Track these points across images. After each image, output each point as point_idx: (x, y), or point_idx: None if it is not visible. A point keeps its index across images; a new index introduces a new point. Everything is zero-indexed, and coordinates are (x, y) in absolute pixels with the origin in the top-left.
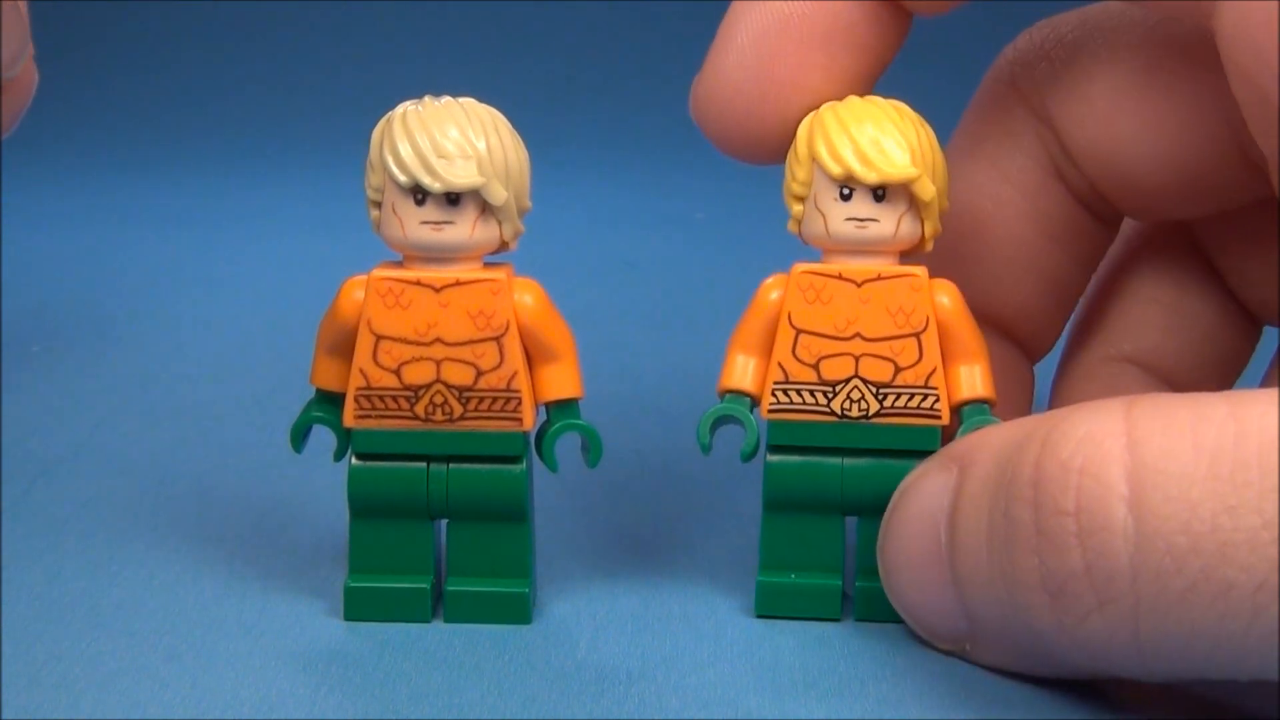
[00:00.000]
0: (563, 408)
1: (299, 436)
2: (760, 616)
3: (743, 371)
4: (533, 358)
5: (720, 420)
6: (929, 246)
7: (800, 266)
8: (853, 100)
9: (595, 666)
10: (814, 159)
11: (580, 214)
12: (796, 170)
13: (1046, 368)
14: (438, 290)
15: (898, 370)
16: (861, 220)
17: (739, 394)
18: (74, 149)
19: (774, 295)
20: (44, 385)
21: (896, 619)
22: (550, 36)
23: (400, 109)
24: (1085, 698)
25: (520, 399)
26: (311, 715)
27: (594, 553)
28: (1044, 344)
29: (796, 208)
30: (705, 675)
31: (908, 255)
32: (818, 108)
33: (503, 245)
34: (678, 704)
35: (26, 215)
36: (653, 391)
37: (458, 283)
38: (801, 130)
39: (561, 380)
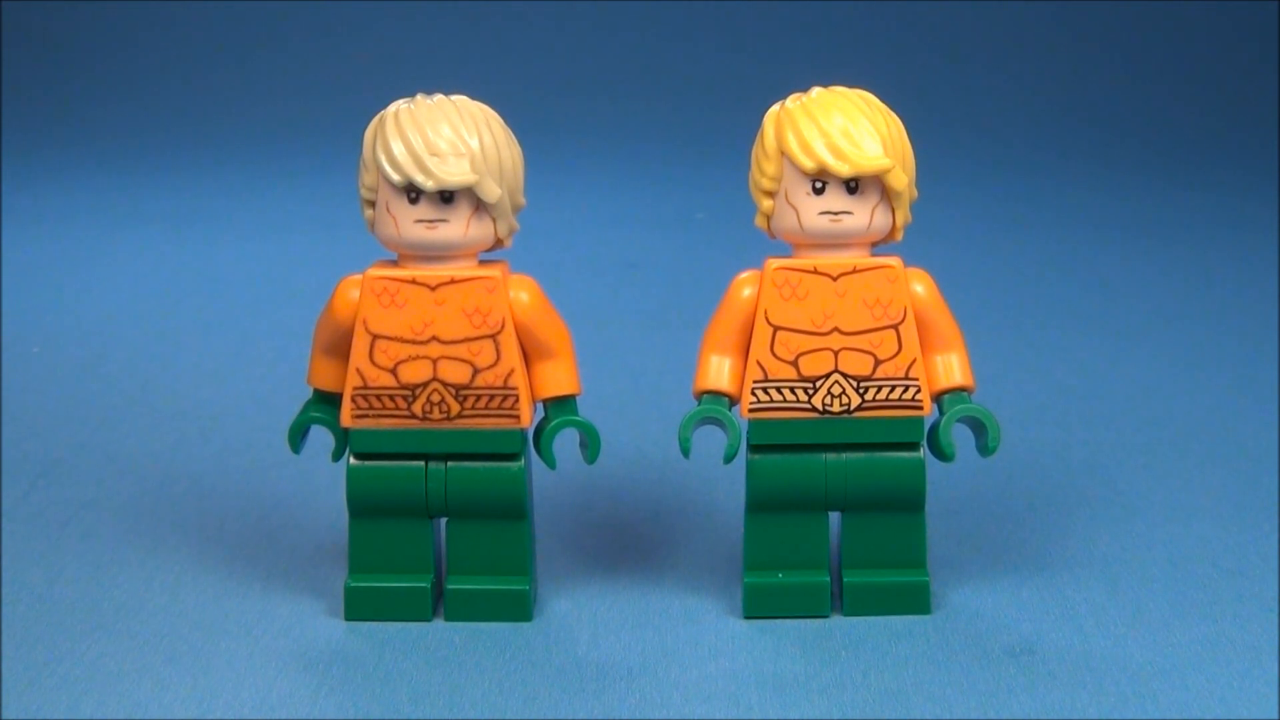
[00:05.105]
0: (560, 404)
1: (297, 437)
2: (749, 618)
3: (718, 371)
4: (529, 355)
5: (701, 421)
6: (900, 236)
7: (774, 262)
8: (819, 91)
9: (596, 663)
10: (783, 152)
11: (580, 214)
12: (765, 165)
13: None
14: (433, 288)
15: (878, 363)
16: (836, 214)
17: (717, 394)
18: (73, 149)
19: (747, 292)
20: (44, 385)
21: (886, 612)
22: (550, 36)
23: (392, 107)
24: (1086, 691)
25: (517, 396)
26: (311, 715)
27: (594, 549)
28: None
29: (766, 203)
30: (706, 671)
31: (878, 245)
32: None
33: (498, 243)
34: (679, 700)
35: (26, 215)
36: (652, 390)
37: (453, 280)
38: (768, 123)
39: (559, 377)
